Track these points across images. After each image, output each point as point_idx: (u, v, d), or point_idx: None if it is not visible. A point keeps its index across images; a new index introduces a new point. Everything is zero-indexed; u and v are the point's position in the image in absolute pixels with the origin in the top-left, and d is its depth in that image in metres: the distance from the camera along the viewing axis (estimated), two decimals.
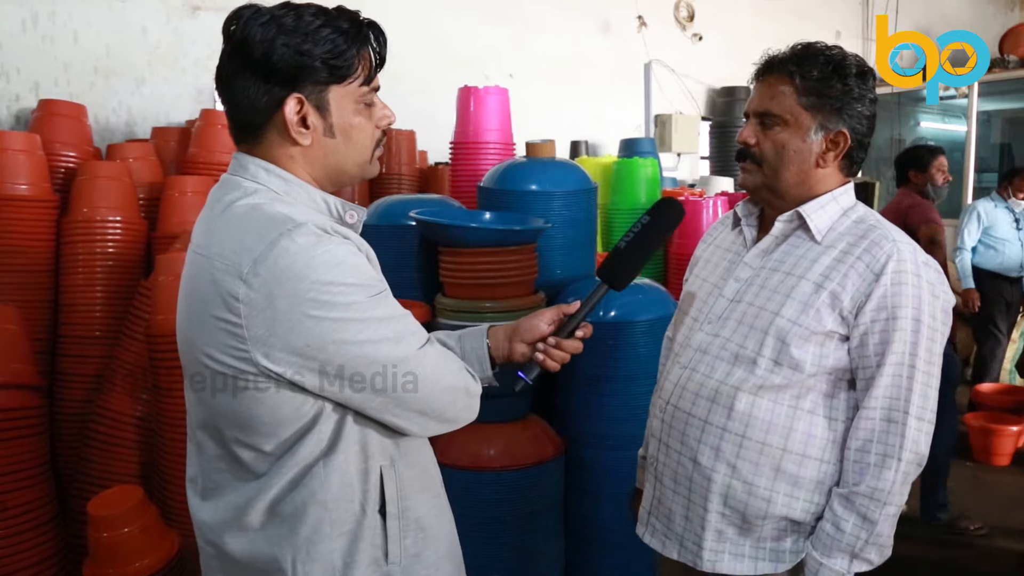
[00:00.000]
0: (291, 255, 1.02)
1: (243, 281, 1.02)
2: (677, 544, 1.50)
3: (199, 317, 1.08)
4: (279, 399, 1.07)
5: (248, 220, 1.07)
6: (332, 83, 1.11)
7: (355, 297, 1.05)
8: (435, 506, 1.24)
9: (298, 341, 1.03)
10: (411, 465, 1.19)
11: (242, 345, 1.04)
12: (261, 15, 1.08)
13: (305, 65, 1.08)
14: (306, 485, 1.09)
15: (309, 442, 1.09)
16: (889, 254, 1.33)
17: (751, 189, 1.47)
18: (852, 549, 1.33)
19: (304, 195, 1.14)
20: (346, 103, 1.13)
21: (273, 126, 1.11)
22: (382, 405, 1.10)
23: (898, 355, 1.32)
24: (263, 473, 1.10)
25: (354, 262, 1.06)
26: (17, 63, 3.25)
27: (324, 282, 1.02)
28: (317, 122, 1.12)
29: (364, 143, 1.17)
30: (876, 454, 1.33)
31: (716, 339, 1.46)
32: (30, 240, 2.56)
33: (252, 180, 1.13)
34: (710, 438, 1.42)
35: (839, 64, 1.39)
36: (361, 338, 1.05)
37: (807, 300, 1.36)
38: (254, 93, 1.09)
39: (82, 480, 2.43)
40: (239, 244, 1.05)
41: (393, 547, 1.14)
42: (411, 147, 3.57)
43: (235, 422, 1.10)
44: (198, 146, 3.01)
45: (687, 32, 6.08)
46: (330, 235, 1.06)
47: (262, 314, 1.02)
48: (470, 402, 1.20)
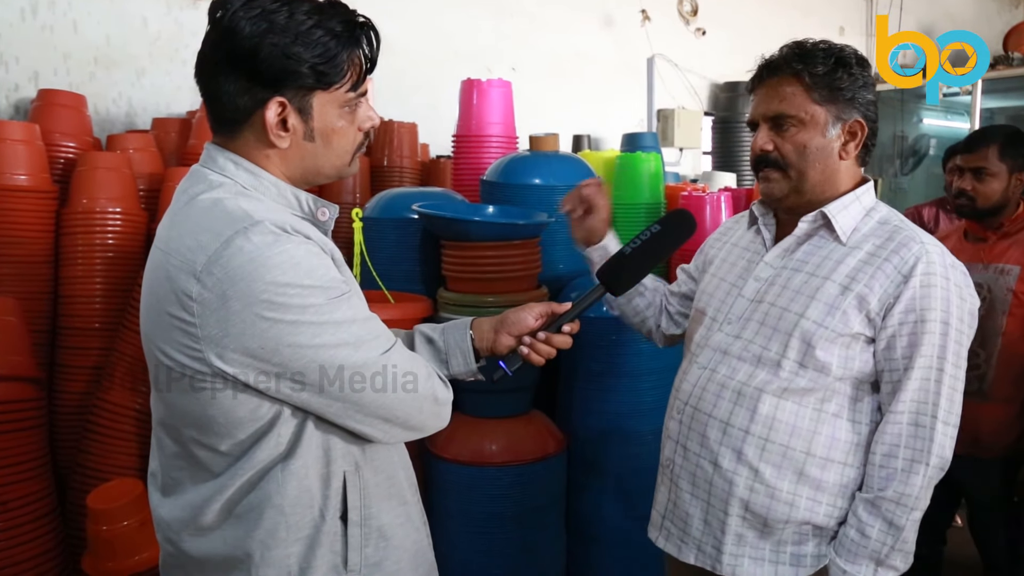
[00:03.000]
0: (245, 254, 0.99)
1: (197, 279, 1.00)
2: (695, 549, 1.46)
3: (156, 313, 1.06)
4: (234, 401, 1.04)
5: (207, 216, 1.04)
6: (318, 89, 1.07)
7: (312, 299, 1.01)
8: (401, 514, 1.20)
9: (251, 343, 1.00)
10: (377, 471, 1.17)
11: (196, 344, 1.01)
12: (252, 7, 1.04)
13: (292, 69, 1.05)
14: (262, 488, 1.07)
15: (266, 445, 1.06)
16: (918, 256, 1.32)
17: (778, 198, 1.43)
18: (878, 556, 1.31)
19: (274, 190, 1.10)
20: (330, 108, 1.10)
21: (251, 125, 1.08)
22: (342, 411, 1.07)
23: (927, 359, 1.31)
24: (220, 473, 1.08)
25: (313, 263, 1.03)
26: (16, 52, 3.23)
27: (279, 283, 0.99)
28: (298, 126, 1.09)
29: (344, 147, 1.14)
30: (904, 459, 1.31)
31: (738, 340, 1.43)
32: (29, 231, 2.54)
33: (219, 173, 1.10)
34: (732, 440, 1.40)
35: (840, 55, 1.39)
36: (317, 342, 1.02)
37: (833, 302, 1.34)
38: (235, 90, 1.06)
39: (81, 473, 2.42)
40: (195, 241, 1.02)
41: (353, 555, 1.12)
42: (413, 140, 3.54)
43: (191, 421, 1.08)
44: (198, 137, 2.98)
45: (690, 27, 6.05)
46: (289, 234, 1.02)
47: (215, 314, 0.99)
48: (438, 410, 1.17)
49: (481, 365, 1.29)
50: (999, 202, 2.29)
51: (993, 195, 2.28)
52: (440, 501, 2.31)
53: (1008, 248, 2.28)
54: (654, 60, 5.77)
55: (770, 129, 1.40)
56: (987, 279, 2.26)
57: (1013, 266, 2.24)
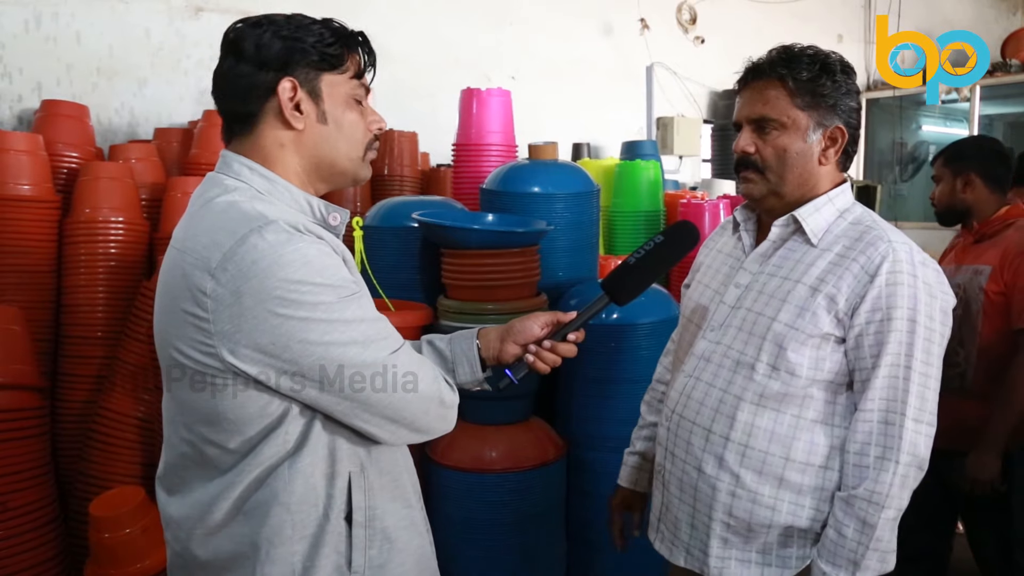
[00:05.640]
0: (259, 252, 1.02)
1: (211, 276, 1.03)
2: (684, 551, 1.50)
3: (170, 310, 1.09)
4: (244, 396, 1.06)
5: (222, 216, 1.08)
6: (324, 70, 1.14)
7: (323, 297, 1.04)
8: (405, 517, 1.21)
9: (263, 339, 1.02)
10: (382, 473, 1.18)
11: (208, 340, 1.04)
12: (255, 21, 1.14)
13: (297, 48, 1.12)
14: (269, 485, 1.09)
15: (274, 442, 1.08)
16: (884, 254, 1.33)
17: (757, 199, 1.46)
18: (854, 556, 1.32)
19: (287, 195, 1.14)
20: (338, 92, 1.16)
21: (266, 113, 1.14)
22: (349, 409, 1.09)
23: (893, 356, 1.31)
24: (228, 470, 1.10)
25: (324, 262, 1.06)
26: (20, 63, 3.26)
27: (292, 280, 1.02)
28: (310, 108, 1.14)
29: (357, 136, 1.18)
30: (875, 456, 1.32)
31: (719, 347, 1.45)
32: (32, 241, 2.56)
33: (235, 178, 1.14)
34: (713, 447, 1.42)
35: (824, 62, 1.41)
36: (327, 339, 1.04)
37: (803, 304, 1.36)
38: (247, 82, 1.12)
39: (83, 481, 2.43)
40: (210, 239, 1.05)
41: (357, 556, 1.13)
42: (413, 149, 3.56)
43: (201, 418, 1.10)
44: (200, 147, 3.01)
45: (689, 35, 6.08)
46: (302, 233, 1.05)
47: (228, 310, 1.02)
48: (444, 412, 1.19)
49: (487, 375, 1.31)
50: (948, 204, 2.46)
51: (942, 198, 2.48)
52: (441, 508, 2.32)
53: (986, 250, 2.38)
54: (653, 68, 5.80)
55: (752, 131, 1.42)
56: (963, 280, 2.38)
57: (985, 266, 2.34)
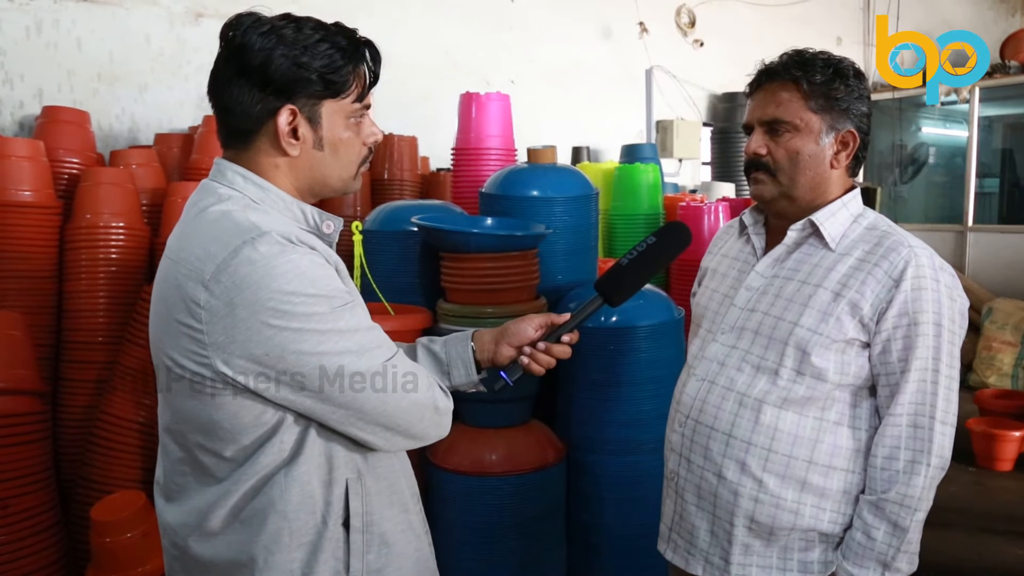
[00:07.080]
0: (252, 263, 1.02)
1: (205, 287, 1.03)
2: (702, 560, 1.47)
3: (165, 320, 1.09)
4: (239, 406, 1.07)
5: (216, 226, 1.08)
6: (326, 97, 1.13)
7: (316, 308, 1.04)
8: (402, 522, 1.22)
9: (257, 349, 1.03)
10: (379, 479, 1.19)
11: (203, 351, 1.04)
12: (261, 24, 1.10)
13: (302, 77, 1.10)
14: (266, 493, 1.09)
15: (270, 451, 1.09)
16: (907, 260, 1.34)
17: (767, 200, 1.46)
18: (884, 559, 1.33)
19: (280, 204, 1.15)
20: (337, 118, 1.15)
21: (263, 134, 1.13)
22: (344, 418, 1.10)
23: (922, 360, 1.33)
24: (224, 478, 1.11)
25: (317, 273, 1.06)
26: (21, 70, 3.27)
27: (285, 292, 1.02)
28: (308, 134, 1.13)
29: (351, 158, 1.18)
30: (905, 460, 1.33)
31: (734, 350, 1.45)
32: (33, 246, 2.57)
33: (228, 186, 1.14)
34: (735, 452, 1.41)
35: (838, 66, 1.41)
36: (321, 349, 1.05)
37: (826, 309, 1.36)
38: (248, 100, 1.11)
39: (85, 485, 2.44)
40: (204, 250, 1.06)
41: (355, 561, 1.14)
42: (413, 153, 3.57)
43: (197, 426, 1.11)
44: (200, 152, 3.02)
45: (688, 38, 6.09)
46: (295, 244, 1.06)
47: (222, 321, 1.03)
48: (439, 419, 1.19)
49: (483, 376, 1.32)
50: None
51: None
52: (441, 511, 2.32)
53: None
54: (652, 71, 5.81)
55: (765, 133, 1.42)
56: None
57: None
